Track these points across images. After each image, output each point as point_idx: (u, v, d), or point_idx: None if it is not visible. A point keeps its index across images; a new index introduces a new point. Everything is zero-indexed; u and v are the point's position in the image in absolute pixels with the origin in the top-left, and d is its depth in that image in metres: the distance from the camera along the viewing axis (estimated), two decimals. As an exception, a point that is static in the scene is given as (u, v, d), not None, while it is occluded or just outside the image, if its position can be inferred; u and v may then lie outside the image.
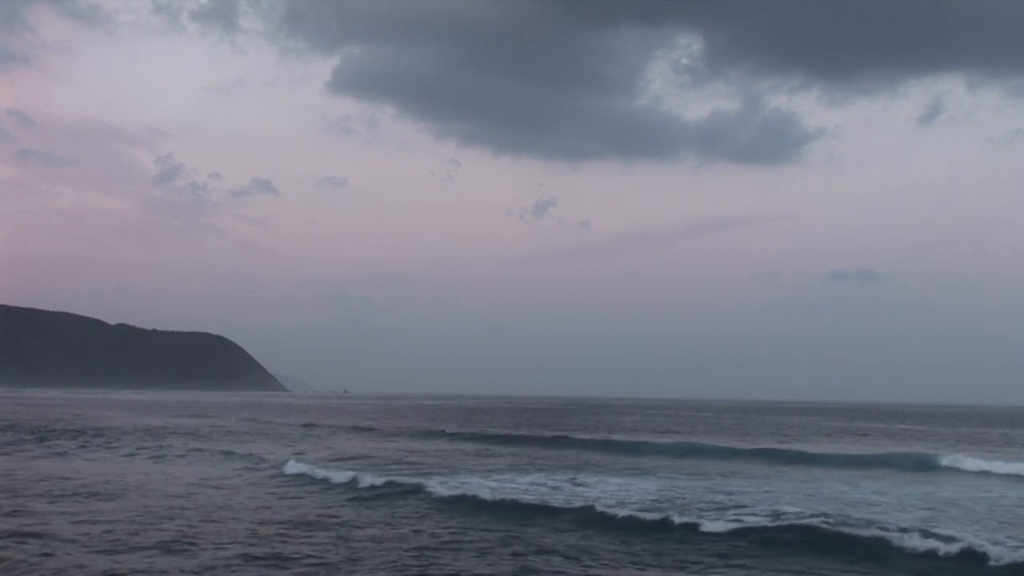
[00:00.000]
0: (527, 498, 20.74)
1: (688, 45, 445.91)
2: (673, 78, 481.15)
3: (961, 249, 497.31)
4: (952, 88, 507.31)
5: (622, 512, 18.34)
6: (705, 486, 24.04)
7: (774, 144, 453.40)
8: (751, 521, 17.39)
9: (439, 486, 22.44)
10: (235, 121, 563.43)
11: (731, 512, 18.67)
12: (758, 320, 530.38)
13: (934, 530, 16.04)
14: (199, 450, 34.60)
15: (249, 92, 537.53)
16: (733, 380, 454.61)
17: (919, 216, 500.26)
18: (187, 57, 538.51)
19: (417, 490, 21.84)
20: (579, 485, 24.23)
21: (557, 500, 20.58)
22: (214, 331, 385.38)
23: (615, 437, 45.91)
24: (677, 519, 17.45)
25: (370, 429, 52.78)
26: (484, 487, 22.89)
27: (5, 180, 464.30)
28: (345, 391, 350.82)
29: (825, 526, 16.50)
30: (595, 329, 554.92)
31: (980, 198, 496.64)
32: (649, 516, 17.91)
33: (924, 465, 31.63)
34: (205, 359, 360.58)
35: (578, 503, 19.89)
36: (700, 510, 19.16)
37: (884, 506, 20.72)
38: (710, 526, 16.87)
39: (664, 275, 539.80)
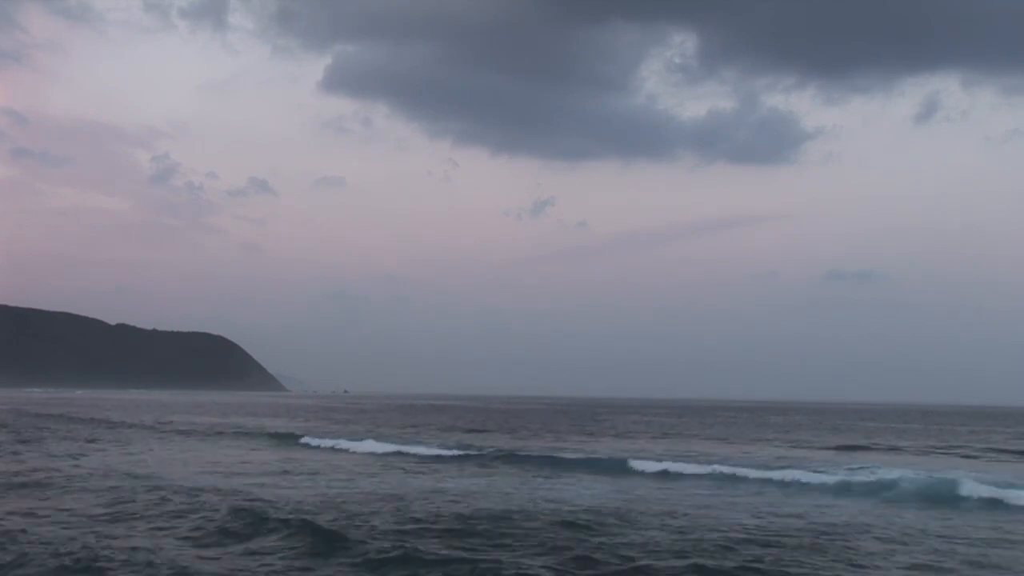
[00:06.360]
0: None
1: (682, 43, 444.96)
2: (667, 77, 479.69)
3: (958, 248, 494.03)
4: (948, 87, 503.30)
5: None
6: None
7: (771, 143, 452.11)
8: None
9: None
10: (230, 120, 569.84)
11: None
12: (756, 320, 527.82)
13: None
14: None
15: (242, 91, 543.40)
16: (731, 380, 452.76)
17: (917, 215, 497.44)
18: (179, 55, 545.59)
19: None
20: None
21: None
22: (214, 331, 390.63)
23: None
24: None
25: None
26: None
27: (2, 179, 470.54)
28: (345, 391, 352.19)
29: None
30: (593, 329, 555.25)
31: (977, 197, 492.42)
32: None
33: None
34: (205, 359, 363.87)
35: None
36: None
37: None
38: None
39: (662, 275, 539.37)
